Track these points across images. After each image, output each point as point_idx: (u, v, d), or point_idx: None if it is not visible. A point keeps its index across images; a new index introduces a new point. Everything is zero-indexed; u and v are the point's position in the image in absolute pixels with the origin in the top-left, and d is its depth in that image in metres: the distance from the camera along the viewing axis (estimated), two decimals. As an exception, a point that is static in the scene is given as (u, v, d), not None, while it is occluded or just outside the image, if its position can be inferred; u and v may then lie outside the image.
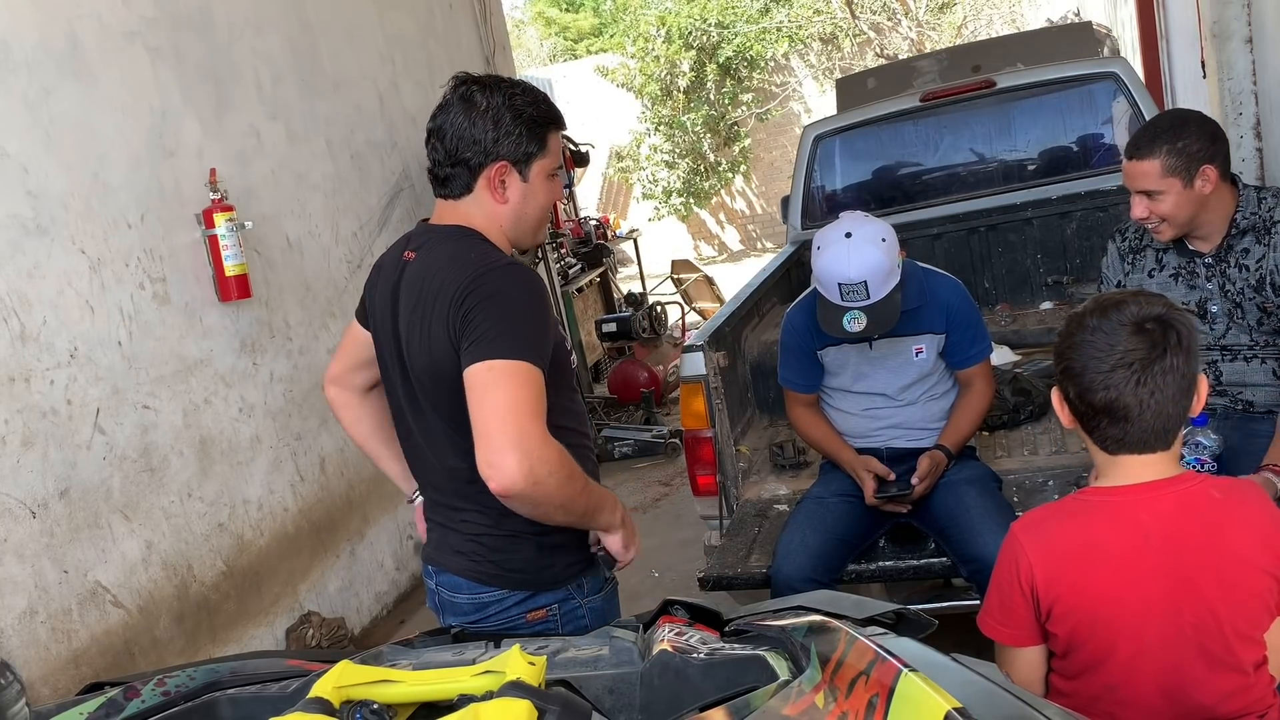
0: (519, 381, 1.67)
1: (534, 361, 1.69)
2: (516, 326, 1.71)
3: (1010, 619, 1.64)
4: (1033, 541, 1.61)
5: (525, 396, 1.66)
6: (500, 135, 1.79)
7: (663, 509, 5.28)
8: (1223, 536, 1.55)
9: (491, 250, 1.82)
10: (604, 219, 9.23)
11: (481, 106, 1.79)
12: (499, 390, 1.66)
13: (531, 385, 1.68)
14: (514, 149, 1.81)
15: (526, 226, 1.90)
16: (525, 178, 1.84)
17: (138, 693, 1.26)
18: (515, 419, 1.65)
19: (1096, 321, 1.55)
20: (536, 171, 1.85)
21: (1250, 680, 1.59)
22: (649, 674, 1.15)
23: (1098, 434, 1.58)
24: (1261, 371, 2.50)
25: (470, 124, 1.79)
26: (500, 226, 1.86)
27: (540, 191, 1.87)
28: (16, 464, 2.77)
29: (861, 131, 4.90)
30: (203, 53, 3.73)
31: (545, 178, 1.87)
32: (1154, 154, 2.35)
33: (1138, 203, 2.43)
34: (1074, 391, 1.57)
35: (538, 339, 1.73)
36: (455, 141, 1.80)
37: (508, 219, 1.86)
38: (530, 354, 1.69)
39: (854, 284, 2.55)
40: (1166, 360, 1.51)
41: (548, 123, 1.85)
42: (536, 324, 1.74)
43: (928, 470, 2.67)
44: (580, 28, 19.87)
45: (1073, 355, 1.56)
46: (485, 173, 1.81)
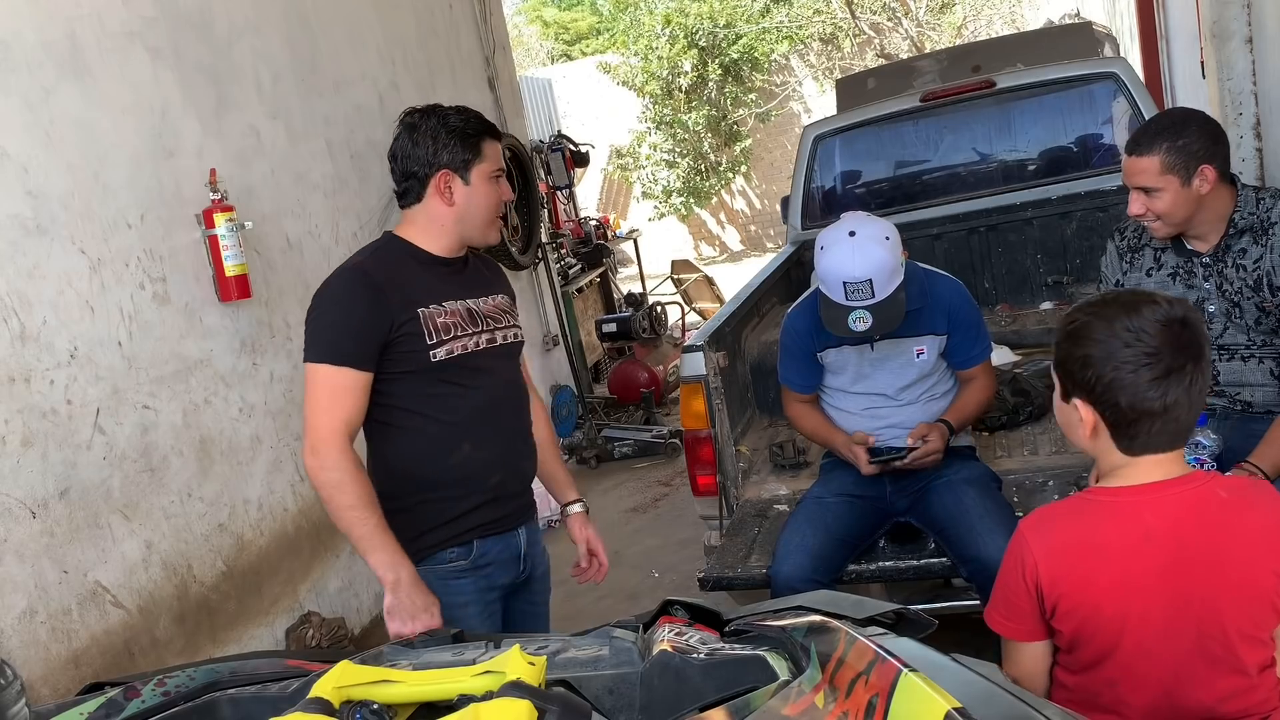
0: (313, 383, 2.07)
1: (331, 362, 2.04)
2: (319, 331, 2.08)
3: (1015, 614, 1.65)
4: (1038, 539, 1.62)
5: (317, 396, 2.06)
6: (439, 148, 2.13)
7: (663, 509, 5.28)
8: (1228, 537, 1.55)
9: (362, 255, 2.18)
10: (604, 219, 9.22)
11: (421, 129, 2.14)
12: (307, 389, 2.08)
13: (323, 386, 2.05)
14: (453, 158, 2.13)
15: (474, 223, 2.20)
16: (467, 181, 2.16)
17: (138, 693, 1.26)
18: (309, 417, 2.06)
19: (1133, 324, 1.51)
20: (477, 175, 2.16)
21: (1253, 682, 1.59)
22: (649, 674, 1.15)
23: (1140, 440, 1.56)
24: (1259, 371, 2.50)
25: (414, 144, 2.14)
26: (445, 227, 2.19)
27: (482, 192, 2.18)
28: (16, 464, 2.77)
29: (861, 131, 4.90)
30: (203, 53, 3.73)
31: (486, 180, 2.18)
32: (1153, 151, 2.36)
33: (1135, 199, 2.43)
34: (1126, 401, 1.52)
35: (333, 338, 2.06)
36: (404, 160, 2.16)
37: (454, 218, 2.18)
38: (327, 356, 2.05)
39: (859, 282, 2.54)
40: (1205, 356, 1.54)
41: (481, 133, 2.17)
42: (338, 326, 2.06)
43: (925, 431, 2.67)
44: (578, 28, 19.87)
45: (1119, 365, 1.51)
46: (433, 182, 2.15)
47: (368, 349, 2.06)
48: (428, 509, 2.18)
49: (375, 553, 2.05)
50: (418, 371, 2.12)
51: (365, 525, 2.04)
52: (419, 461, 2.17)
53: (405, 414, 2.15)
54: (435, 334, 2.12)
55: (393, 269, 2.14)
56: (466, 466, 2.17)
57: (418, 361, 2.11)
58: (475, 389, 2.19)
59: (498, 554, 2.25)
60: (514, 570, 2.30)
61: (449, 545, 2.19)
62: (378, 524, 2.05)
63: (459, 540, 2.19)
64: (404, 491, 2.17)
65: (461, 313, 2.19)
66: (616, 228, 10.16)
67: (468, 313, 2.20)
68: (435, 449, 2.16)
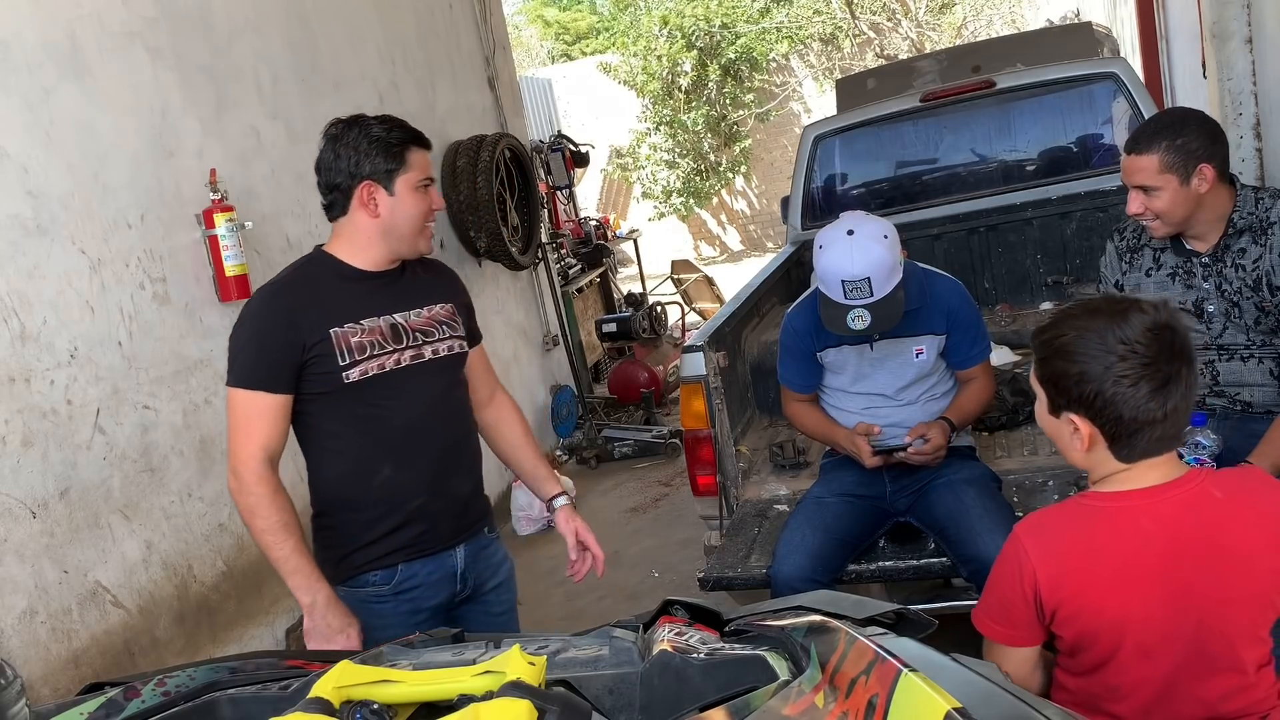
0: (232, 407, 2.10)
1: (245, 386, 2.07)
2: (234, 354, 2.11)
3: (1008, 619, 1.64)
4: (1036, 545, 1.60)
5: (235, 420, 2.09)
6: (361, 158, 2.09)
7: (663, 509, 5.28)
8: (1224, 538, 1.55)
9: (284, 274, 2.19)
10: (604, 219, 9.23)
11: (344, 140, 2.10)
12: (228, 413, 2.11)
13: (239, 410, 2.08)
14: (376, 168, 2.09)
15: (400, 234, 2.15)
16: (391, 192, 2.11)
17: (138, 693, 1.26)
18: (230, 441, 2.10)
19: (1126, 335, 1.50)
20: (401, 185, 2.12)
21: (1251, 681, 1.59)
22: (649, 674, 1.15)
23: (1139, 448, 1.55)
24: (1259, 371, 2.50)
25: (336, 155, 2.11)
26: (371, 240, 2.15)
27: (408, 203, 2.13)
28: (16, 464, 2.77)
29: (861, 132, 4.90)
30: (203, 53, 3.73)
31: (411, 190, 2.13)
32: (1153, 149, 2.36)
33: (1134, 198, 2.43)
34: (1128, 414, 1.51)
35: (246, 362, 2.08)
36: (327, 172, 2.13)
37: (379, 230, 2.14)
38: (241, 380, 2.08)
39: (857, 280, 2.54)
40: (1194, 359, 1.54)
41: (405, 142, 2.12)
42: (251, 350, 2.08)
43: (924, 430, 2.67)
44: (578, 28, 19.87)
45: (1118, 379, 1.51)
46: (357, 193, 2.11)
47: (281, 371, 2.06)
48: (351, 529, 2.17)
49: (291, 576, 2.08)
50: (333, 393, 2.10)
51: (280, 549, 2.07)
52: (342, 482, 2.17)
53: (325, 435, 2.15)
54: (348, 354, 2.09)
55: (309, 288, 2.12)
56: (388, 488, 2.15)
57: (331, 383, 2.09)
58: (395, 409, 2.15)
59: (426, 576, 2.22)
60: (448, 590, 2.27)
61: (372, 568, 2.18)
62: (294, 548, 2.07)
63: (382, 563, 2.18)
64: (331, 510, 2.19)
65: (383, 330, 2.15)
66: (616, 228, 10.16)
67: (390, 329, 2.16)
68: (356, 470, 2.15)
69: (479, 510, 2.36)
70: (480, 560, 2.34)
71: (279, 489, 2.08)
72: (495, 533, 2.44)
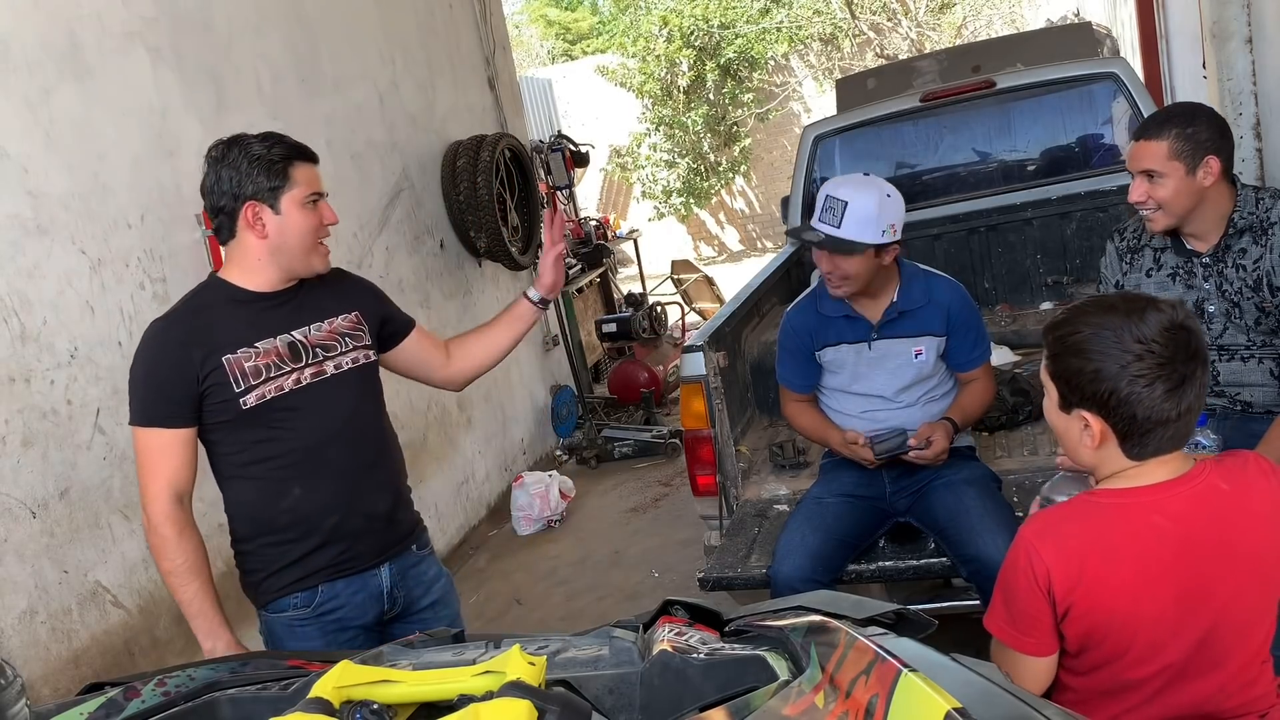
0: (136, 446, 2.07)
1: (139, 423, 2.04)
2: (133, 392, 2.06)
3: (1029, 626, 1.61)
4: (1047, 545, 1.58)
5: (141, 460, 2.06)
6: (242, 179, 2.04)
7: (663, 509, 5.28)
8: (1232, 531, 1.56)
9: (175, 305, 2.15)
10: (604, 219, 9.22)
11: (225, 161, 2.06)
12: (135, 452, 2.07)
13: (143, 449, 2.05)
14: (258, 188, 2.05)
15: (291, 253, 2.11)
16: (277, 210, 2.07)
17: (138, 693, 1.26)
18: (139, 479, 2.07)
19: (1143, 334, 1.50)
20: (287, 203, 2.07)
21: (1253, 677, 1.60)
22: (649, 674, 1.14)
23: (1151, 446, 1.55)
24: (1259, 372, 2.50)
25: (218, 178, 2.06)
26: (261, 261, 2.10)
27: (296, 221, 2.08)
28: (17, 464, 2.77)
29: (861, 132, 4.90)
30: (203, 53, 3.73)
31: (298, 206, 2.08)
32: (1163, 136, 2.36)
33: (1137, 185, 2.42)
34: (1142, 414, 1.51)
35: (148, 401, 2.04)
36: (212, 196, 2.08)
37: (269, 251, 2.10)
38: (141, 418, 2.04)
39: (837, 200, 2.61)
40: (1207, 358, 1.55)
41: (287, 159, 2.07)
42: (147, 386, 2.04)
43: (929, 432, 2.67)
44: (579, 28, 19.88)
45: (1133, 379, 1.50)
46: (242, 215, 2.06)
47: (178, 406, 2.03)
48: (267, 554, 2.16)
49: (194, 619, 2.08)
50: (233, 420, 2.07)
51: (184, 591, 2.06)
52: (253, 507, 2.15)
53: (233, 461, 2.12)
54: (242, 380, 2.05)
55: (200, 317, 2.08)
56: (298, 511, 2.12)
57: (230, 410, 2.06)
58: (299, 430, 2.11)
59: (349, 596, 2.18)
60: (375, 609, 2.22)
61: (291, 591, 2.15)
62: (198, 590, 2.06)
63: (301, 585, 2.15)
64: (247, 536, 2.17)
65: (280, 350, 2.10)
66: (616, 228, 10.16)
67: (289, 348, 2.11)
68: (266, 495, 2.13)
69: (405, 527, 2.30)
70: (409, 578, 2.28)
71: (185, 528, 2.06)
72: (427, 549, 2.38)
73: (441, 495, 5.07)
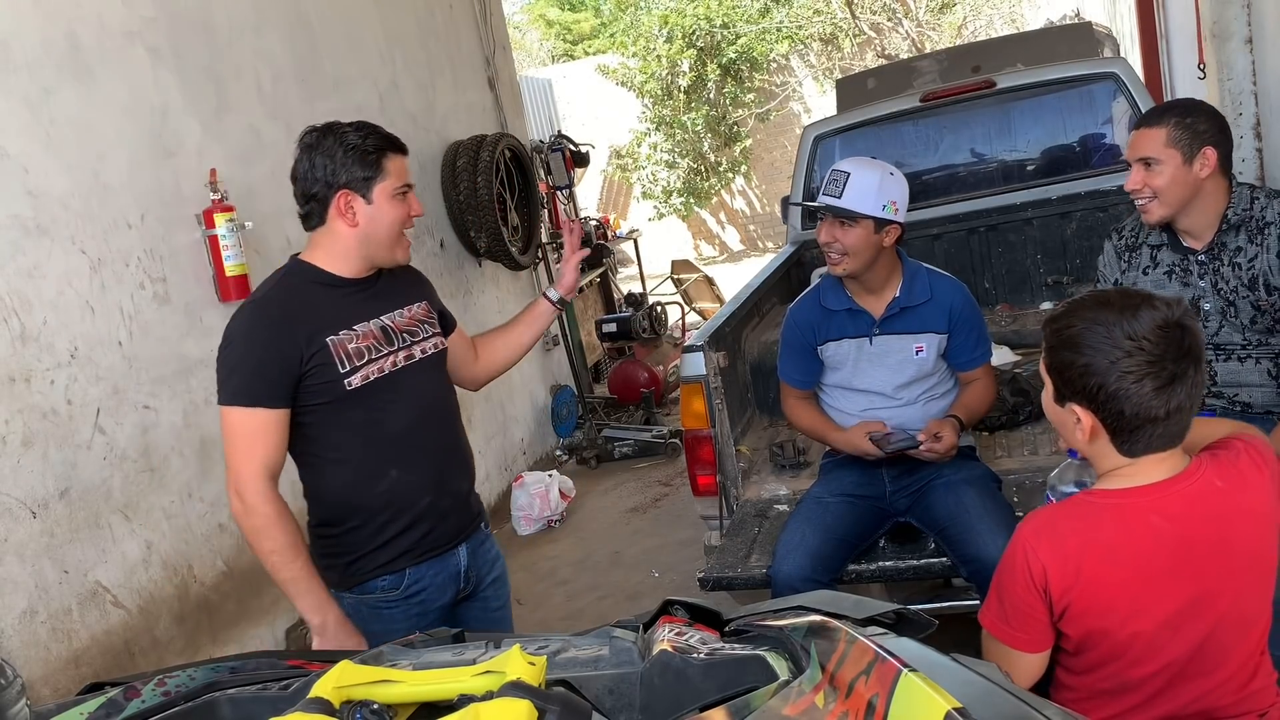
0: (229, 427, 2.05)
1: (237, 403, 2.03)
2: (228, 372, 2.06)
3: (1023, 623, 1.62)
4: (1044, 544, 1.59)
5: (235, 441, 2.04)
6: (337, 167, 2.07)
7: (663, 509, 5.28)
8: (1230, 529, 1.56)
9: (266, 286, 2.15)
10: (604, 219, 9.22)
11: (319, 148, 2.08)
12: (224, 433, 2.06)
13: (239, 429, 2.03)
14: (352, 177, 2.07)
15: (378, 242, 2.14)
16: (369, 200, 2.10)
17: (138, 693, 1.26)
18: (229, 461, 2.04)
19: (1134, 331, 1.50)
20: (379, 194, 2.10)
21: (1252, 675, 1.60)
22: (649, 674, 1.14)
23: (1141, 444, 1.55)
24: (1256, 372, 2.50)
25: (311, 164, 2.09)
26: (349, 249, 2.13)
27: (386, 211, 2.11)
28: (17, 464, 2.77)
29: (861, 132, 4.90)
30: (203, 53, 3.73)
31: (389, 198, 2.11)
32: (1162, 123, 2.39)
33: (1134, 172, 2.44)
34: (1130, 410, 1.51)
35: (241, 380, 2.03)
36: (304, 182, 2.11)
37: (358, 240, 2.12)
38: (238, 398, 2.03)
39: (840, 172, 2.66)
40: (1203, 359, 1.53)
41: (381, 150, 2.10)
42: (241, 366, 2.04)
43: (938, 428, 2.67)
44: (581, 29, 19.87)
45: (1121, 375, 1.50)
46: (334, 202, 2.09)
47: (279, 387, 2.03)
48: (358, 537, 2.16)
49: (301, 597, 2.07)
50: (335, 401, 2.08)
51: (289, 569, 2.04)
52: (346, 490, 2.14)
53: (328, 444, 2.12)
54: (347, 361, 2.08)
55: (298, 299, 2.10)
56: (394, 492, 2.15)
57: (333, 392, 2.07)
58: (397, 412, 2.15)
59: (432, 578, 2.22)
60: (453, 589, 2.28)
61: (380, 574, 2.17)
62: (302, 567, 2.05)
63: (390, 568, 2.17)
64: (335, 519, 2.16)
65: (375, 334, 2.14)
66: (616, 228, 10.16)
67: (382, 332, 2.16)
68: (361, 477, 2.13)
69: (476, 506, 2.38)
70: (478, 556, 2.35)
71: (284, 507, 2.05)
72: (489, 528, 2.46)
73: (441, 495, 5.06)
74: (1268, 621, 1.60)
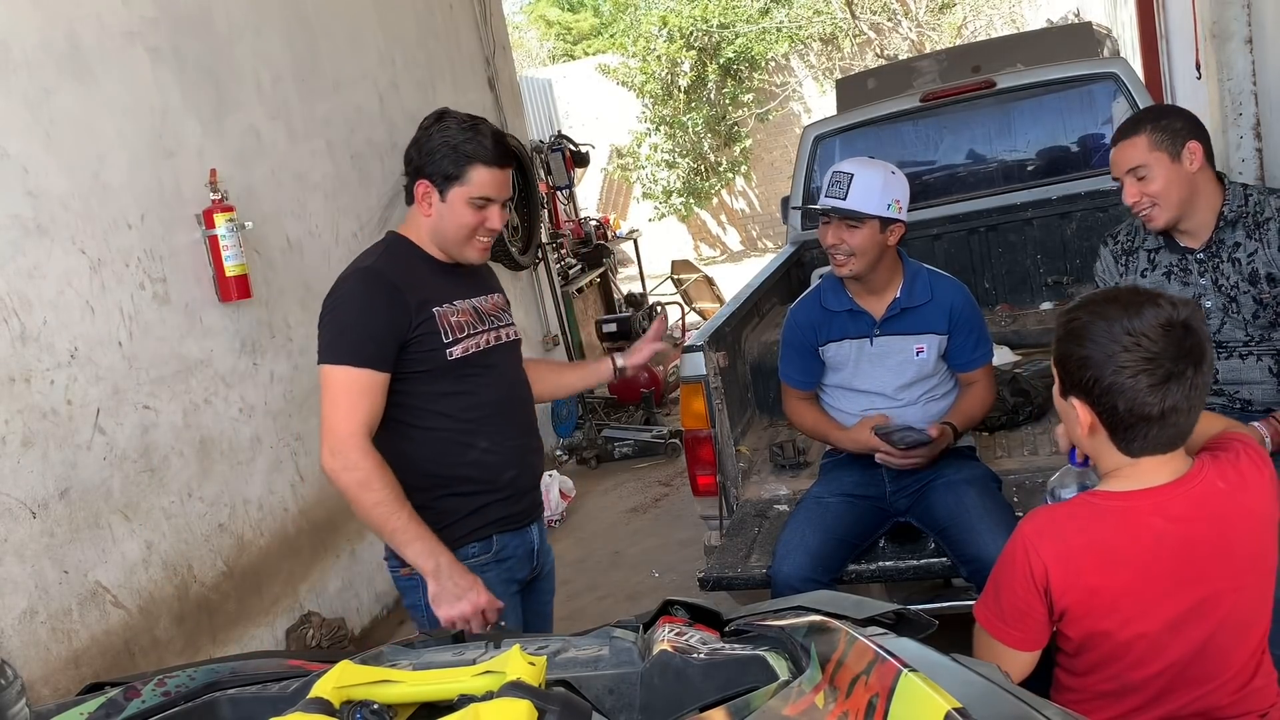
0: (334, 385, 2.05)
1: (346, 363, 2.04)
2: (339, 332, 2.07)
3: (1023, 622, 1.61)
4: (1046, 544, 1.59)
5: (336, 397, 2.04)
6: (427, 158, 2.11)
7: (663, 509, 5.28)
8: (1232, 532, 1.56)
9: (371, 257, 2.17)
10: (604, 219, 9.23)
11: (430, 130, 2.12)
12: (323, 392, 2.07)
13: (342, 387, 2.04)
14: (436, 171, 2.11)
15: (445, 238, 2.18)
16: (444, 198, 2.13)
17: (138, 693, 1.26)
18: (328, 418, 2.05)
19: (1133, 327, 1.50)
20: (455, 196, 2.12)
21: (1253, 676, 1.60)
22: (649, 674, 1.15)
23: (1138, 442, 1.55)
24: (1258, 369, 2.51)
25: (416, 144, 2.14)
26: (427, 235, 2.19)
27: (456, 214, 2.14)
28: (17, 464, 2.77)
29: (861, 132, 4.89)
30: (203, 53, 3.73)
31: (463, 203, 2.13)
32: (1139, 131, 2.41)
33: (1128, 187, 2.44)
34: (1124, 406, 1.51)
35: (353, 341, 2.05)
36: (407, 159, 2.17)
37: (429, 228, 2.18)
38: (347, 357, 2.04)
39: (843, 173, 2.65)
40: (1208, 358, 1.52)
41: (473, 158, 2.11)
42: (355, 327, 2.06)
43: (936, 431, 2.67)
44: (580, 29, 19.87)
45: (1117, 369, 1.50)
46: (417, 187, 2.15)
47: (386, 350, 2.07)
48: (447, 505, 2.18)
49: (411, 544, 2.05)
50: (435, 370, 2.12)
51: (397, 518, 2.04)
52: (438, 459, 2.17)
53: (422, 412, 2.15)
54: (450, 332, 2.13)
55: (405, 269, 2.15)
56: (483, 463, 2.19)
57: (435, 360, 2.12)
58: (488, 385, 2.21)
59: (515, 549, 2.27)
60: (529, 566, 2.33)
61: (469, 541, 2.20)
62: (410, 515, 2.05)
63: (479, 535, 2.21)
64: (424, 488, 2.16)
65: (469, 311, 2.21)
66: (616, 228, 10.16)
67: (474, 311, 2.22)
68: (453, 446, 2.17)
69: (540, 494, 2.43)
70: (544, 543, 2.40)
71: (383, 461, 2.06)
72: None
73: (441, 495, 5.06)
74: (1268, 622, 1.60)
